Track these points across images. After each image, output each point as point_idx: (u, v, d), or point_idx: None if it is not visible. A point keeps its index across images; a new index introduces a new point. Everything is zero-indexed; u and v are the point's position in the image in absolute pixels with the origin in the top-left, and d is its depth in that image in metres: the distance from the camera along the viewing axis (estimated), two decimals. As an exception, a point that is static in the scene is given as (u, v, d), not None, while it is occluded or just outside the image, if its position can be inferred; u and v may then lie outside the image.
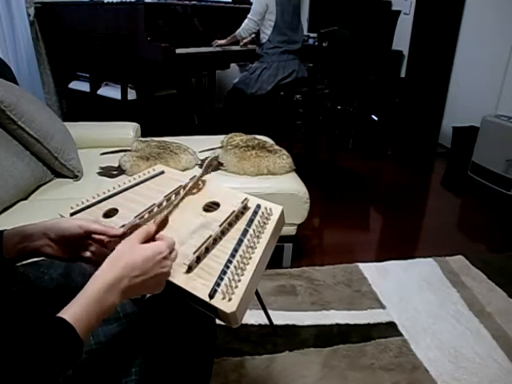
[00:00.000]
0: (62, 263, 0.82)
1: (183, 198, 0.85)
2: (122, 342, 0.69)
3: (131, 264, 0.60)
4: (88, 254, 0.72)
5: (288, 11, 2.78)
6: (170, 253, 0.65)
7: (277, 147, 1.85)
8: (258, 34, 2.86)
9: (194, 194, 0.87)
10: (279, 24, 2.75)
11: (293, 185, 1.70)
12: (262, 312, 1.43)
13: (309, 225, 2.17)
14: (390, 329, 1.49)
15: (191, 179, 0.91)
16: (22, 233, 0.68)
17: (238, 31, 2.82)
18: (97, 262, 0.71)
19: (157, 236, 0.68)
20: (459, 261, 1.91)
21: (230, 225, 0.78)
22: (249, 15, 2.76)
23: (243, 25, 2.79)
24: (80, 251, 0.72)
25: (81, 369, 0.63)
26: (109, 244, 0.71)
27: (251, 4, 2.82)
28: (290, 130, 3.02)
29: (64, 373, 0.52)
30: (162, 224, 0.72)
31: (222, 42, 2.94)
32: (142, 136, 2.14)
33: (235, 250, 0.72)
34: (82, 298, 0.55)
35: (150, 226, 0.68)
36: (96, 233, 0.70)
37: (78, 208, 0.86)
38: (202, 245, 0.72)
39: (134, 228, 0.71)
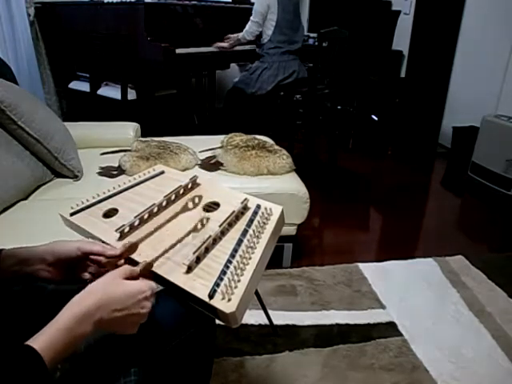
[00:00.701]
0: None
1: (174, 200, 0.86)
2: (121, 342, 0.69)
3: (112, 297, 0.58)
4: (87, 275, 0.72)
5: (289, 11, 2.78)
6: (151, 296, 0.63)
7: (277, 147, 1.85)
8: (259, 34, 2.86)
9: (190, 209, 0.86)
10: (280, 24, 2.76)
11: (293, 185, 1.70)
12: (262, 312, 1.43)
13: (309, 225, 2.17)
14: (390, 329, 1.49)
15: (191, 179, 0.91)
16: (18, 256, 0.68)
17: (241, 34, 2.82)
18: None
19: (140, 278, 0.67)
20: (459, 261, 1.91)
21: (230, 225, 0.78)
22: (251, 18, 2.76)
23: (247, 27, 2.79)
24: (78, 273, 0.72)
25: (80, 368, 0.63)
26: (107, 264, 0.71)
27: (251, 4, 2.83)
28: (290, 130, 3.02)
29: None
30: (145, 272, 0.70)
31: (225, 45, 2.92)
32: (142, 136, 2.14)
33: (235, 250, 0.72)
34: (54, 326, 0.53)
35: (135, 268, 0.66)
36: (94, 254, 0.70)
37: (78, 208, 0.86)
38: (202, 245, 0.72)
39: (131, 247, 0.71)
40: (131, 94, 2.79)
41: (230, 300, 0.63)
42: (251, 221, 0.79)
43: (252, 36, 2.82)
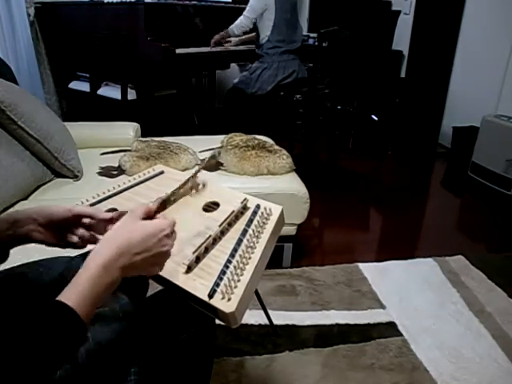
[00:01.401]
0: (61, 263, 0.82)
1: (183, 186, 0.85)
2: (121, 342, 0.69)
3: (132, 240, 0.57)
4: (75, 238, 0.71)
5: (286, 10, 2.78)
6: (171, 233, 0.62)
7: (277, 147, 1.85)
8: (257, 34, 2.86)
9: (191, 195, 0.87)
10: (278, 23, 2.75)
11: (293, 185, 1.70)
12: (262, 312, 1.43)
13: (309, 225, 2.17)
14: (390, 329, 1.49)
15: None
16: (10, 219, 0.67)
17: (230, 27, 2.80)
18: (83, 247, 0.71)
19: (157, 215, 0.66)
20: (459, 261, 1.91)
21: (230, 225, 0.78)
22: (245, 12, 2.74)
23: (237, 21, 2.77)
24: (68, 236, 0.70)
25: (80, 369, 0.63)
26: (98, 229, 0.70)
27: (251, 3, 2.82)
28: (290, 130, 3.02)
29: (68, 358, 0.51)
30: (161, 209, 0.70)
31: (216, 37, 2.91)
32: (142, 136, 2.14)
33: (235, 250, 0.72)
34: (80, 279, 0.53)
35: (150, 206, 0.65)
36: (85, 216, 0.69)
37: (78, 208, 0.86)
38: (202, 245, 0.72)
39: (122, 215, 0.68)
40: (131, 94, 2.79)
41: (229, 300, 0.63)
42: (251, 221, 0.79)
43: (241, 31, 2.80)
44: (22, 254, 0.77)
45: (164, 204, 0.69)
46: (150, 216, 0.64)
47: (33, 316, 0.49)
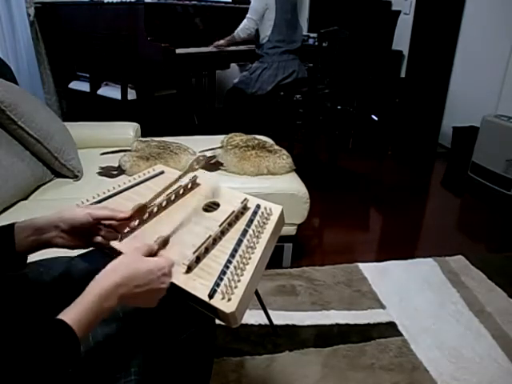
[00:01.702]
0: (61, 263, 0.82)
1: (174, 199, 0.87)
2: (121, 342, 0.69)
3: (134, 273, 0.61)
4: (99, 239, 0.74)
5: (287, 10, 2.78)
6: (170, 271, 0.66)
7: (277, 147, 1.85)
8: (257, 34, 2.86)
9: (183, 194, 0.88)
10: (279, 23, 2.75)
11: (293, 185, 1.70)
12: (262, 312, 1.43)
13: (309, 225, 2.17)
14: (390, 329, 1.49)
15: (191, 179, 0.91)
16: (32, 226, 0.69)
17: (236, 32, 2.80)
18: (107, 245, 0.75)
19: (158, 254, 0.71)
20: (459, 261, 1.91)
21: (230, 225, 0.78)
22: (248, 15, 2.75)
23: (242, 25, 2.77)
24: (91, 238, 0.73)
25: (80, 369, 0.63)
26: (118, 227, 0.74)
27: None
28: (290, 129, 3.02)
29: (62, 374, 0.53)
30: (163, 244, 0.74)
31: (221, 42, 2.91)
32: (142, 136, 2.14)
33: (235, 250, 0.72)
34: (83, 301, 0.56)
35: (153, 245, 0.70)
36: (105, 218, 0.72)
37: (78, 208, 0.86)
38: (202, 245, 0.72)
39: (140, 209, 0.75)
40: (131, 94, 2.79)
41: (230, 300, 0.63)
42: (251, 221, 0.79)
43: (246, 34, 2.79)
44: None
45: (166, 242, 0.74)
46: (151, 254, 0.69)
47: (33, 330, 0.52)
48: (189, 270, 0.69)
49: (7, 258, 0.68)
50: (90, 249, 0.87)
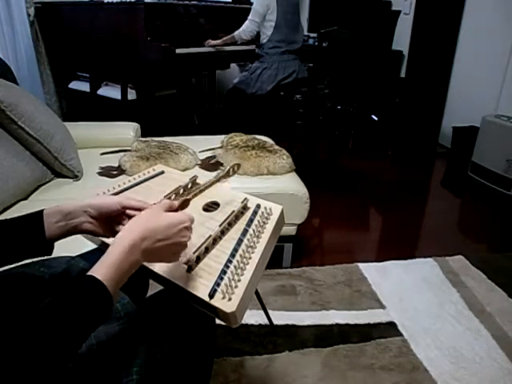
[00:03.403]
0: (61, 263, 0.82)
1: (208, 187, 0.87)
2: (122, 342, 0.69)
3: (156, 227, 0.62)
4: (121, 227, 0.73)
5: (288, 11, 2.78)
6: (190, 226, 0.67)
7: (277, 147, 1.85)
8: (258, 34, 2.86)
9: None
10: (280, 24, 2.75)
11: (293, 185, 1.70)
12: (262, 312, 1.43)
13: (309, 225, 2.17)
14: (389, 329, 1.49)
15: (191, 179, 0.91)
16: (61, 211, 0.70)
17: (237, 32, 2.79)
18: None
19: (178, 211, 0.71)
20: (459, 261, 1.91)
21: (230, 225, 0.78)
22: (249, 17, 2.74)
23: (244, 27, 2.77)
24: (115, 226, 0.74)
25: (82, 368, 0.63)
26: None
27: (251, 4, 2.82)
28: (290, 130, 3.02)
29: (95, 329, 0.55)
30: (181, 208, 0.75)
31: (217, 42, 2.89)
32: (142, 136, 2.14)
33: (235, 250, 0.72)
34: (109, 258, 0.57)
35: (173, 202, 0.71)
36: (132, 208, 0.72)
37: (78, 208, 0.86)
38: (202, 245, 0.72)
39: (183, 203, 0.75)
40: (131, 94, 2.79)
41: (230, 299, 0.63)
42: (251, 220, 0.79)
43: (249, 35, 2.79)
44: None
45: (186, 203, 0.74)
46: (172, 210, 0.69)
47: (67, 285, 0.53)
48: (189, 269, 0.69)
49: (37, 244, 0.68)
50: (90, 248, 0.87)
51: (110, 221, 0.73)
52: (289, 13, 2.78)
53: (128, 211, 0.73)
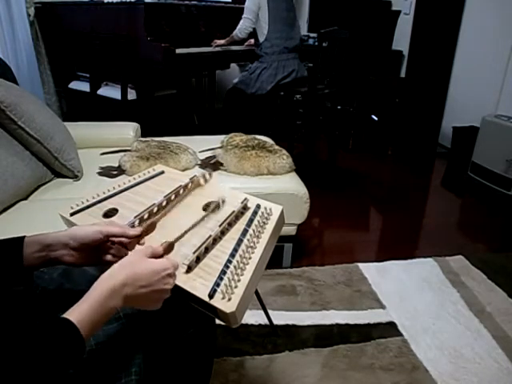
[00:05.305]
0: (60, 266, 0.82)
1: (178, 200, 0.86)
2: (122, 342, 0.69)
3: (138, 273, 0.61)
4: (109, 257, 0.73)
5: (281, 8, 2.79)
6: (174, 273, 0.66)
7: (277, 147, 1.85)
8: (255, 34, 2.86)
9: (191, 195, 0.88)
10: (274, 21, 2.76)
11: (293, 185, 1.70)
12: (262, 312, 1.43)
13: (309, 225, 2.17)
14: (390, 329, 1.49)
15: (191, 179, 0.91)
16: (42, 242, 0.68)
17: (234, 32, 2.82)
18: (116, 262, 0.73)
19: (163, 257, 0.71)
20: (459, 261, 1.91)
21: (230, 225, 0.78)
22: (243, 15, 2.76)
23: (239, 25, 2.79)
24: (101, 255, 0.73)
25: (81, 369, 0.63)
26: (129, 245, 0.73)
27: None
28: (290, 130, 3.02)
29: (66, 372, 0.53)
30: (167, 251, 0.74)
31: (222, 42, 2.94)
32: (142, 136, 2.14)
33: (235, 250, 0.72)
34: (87, 300, 0.56)
35: (158, 247, 0.70)
36: (115, 235, 0.71)
37: (78, 208, 0.86)
38: (202, 245, 0.72)
39: (149, 227, 0.76)
40: (131, 94, 2.79)
41: (230, 300, 0.63)
42: (251, 220, 0.79)
43: (244, 33, 2.81)
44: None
45: (171, 247, 0.73)
46: (155, 256, 0.68)
47: (39, 328, 0.52)
48: (189, 269, 0.69)
49: (14, 272, 0.67)
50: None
51: (95, 250, 0.71)
52: (282, 10, 2.79)
53: (112, 239, 0.71)
